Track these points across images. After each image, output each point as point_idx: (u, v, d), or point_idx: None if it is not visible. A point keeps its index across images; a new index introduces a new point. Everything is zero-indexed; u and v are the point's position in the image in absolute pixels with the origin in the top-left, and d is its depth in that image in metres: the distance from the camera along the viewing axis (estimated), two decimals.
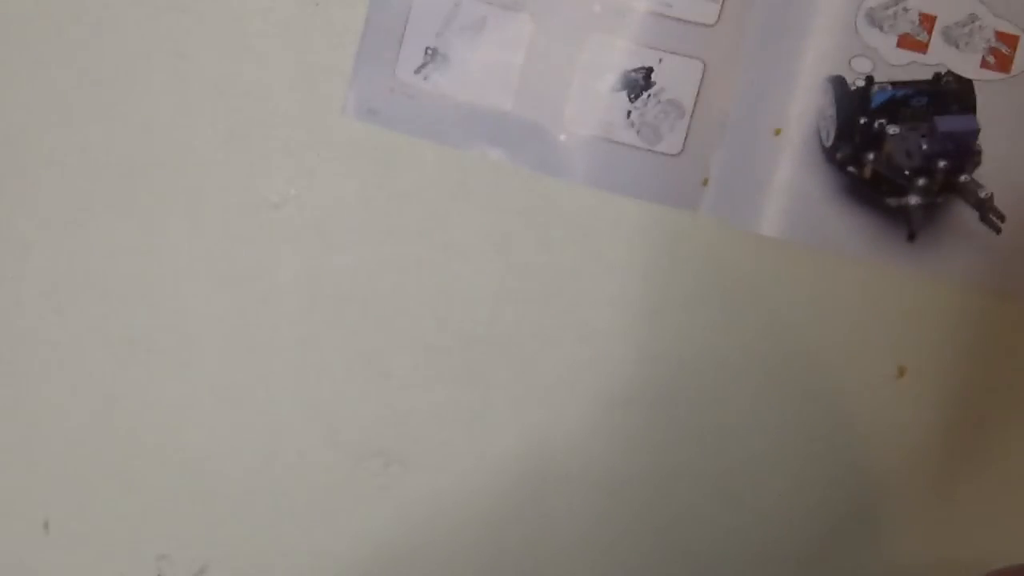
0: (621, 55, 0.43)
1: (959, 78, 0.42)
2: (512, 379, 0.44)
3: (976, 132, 0.42)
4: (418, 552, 0.45)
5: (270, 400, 0.44)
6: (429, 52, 0.43)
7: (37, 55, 0.44)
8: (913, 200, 0.42)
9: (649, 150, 0.43)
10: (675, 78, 0.43)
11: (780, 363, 0.44)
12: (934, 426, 0.44)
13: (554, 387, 0.44)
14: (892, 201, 0.42)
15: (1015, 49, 0.42)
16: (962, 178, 0.42)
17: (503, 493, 0.44)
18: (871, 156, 0.42)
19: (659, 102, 0.43)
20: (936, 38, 0.42)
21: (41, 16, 0.44)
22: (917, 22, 0.42)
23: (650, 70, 0.43)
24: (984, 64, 0.42)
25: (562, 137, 0.43)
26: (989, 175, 0.42)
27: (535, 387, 0.44)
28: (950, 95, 0.42)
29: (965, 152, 0.42)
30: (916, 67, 0.42)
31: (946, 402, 0.44)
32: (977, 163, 0.42)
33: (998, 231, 0.42)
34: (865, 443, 0.44)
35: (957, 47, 0.42)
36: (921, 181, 0.42)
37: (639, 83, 0.43)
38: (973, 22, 0.42)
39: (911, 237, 0.42)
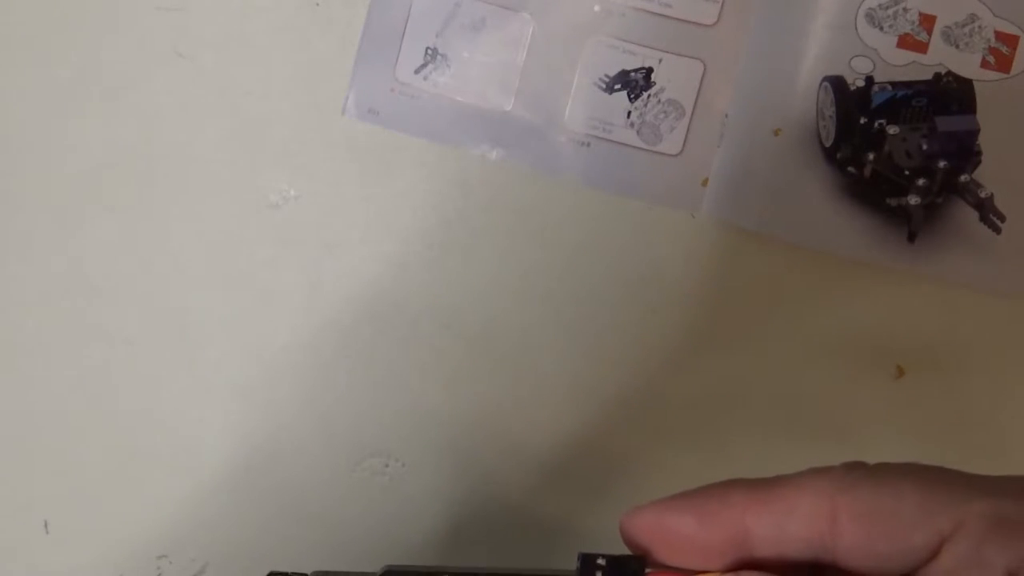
0: (621, 55, 0.43)
1: (959, 78, 0.42)
2: (512, 378, 0.44)
3: (976, 132, 0.42)
4: (418, 552, 0.45)
5: (270, 400, 0.44)
6: (429, 52, 0.43)
7: (37, 55, 0.44)
8: (913, 200, 0.42)
9: (649, 150, 0.43)
10: (675, 78, 0.43)
11: (780, 362, 0.44)
12: (934, 426, 0.44)
13: (554, 387, 0.44)
14: (892, 201, 0.42)
15: (1015, 49, 0.42)
16: (962, 178, 0.42)
17: (503, 493, 0.44)
18: (871, 156, 0.42)
19: (659, 102, 0.43)
20: (936, 38, 0.42)
21: (41, 16, 0.44)
22: (917, 22, 0.42)
23: (650, 70, 0.43)
24: (984, 64, 0.42)
25: (562, 137, 0.43)
26: (989, 175, 0.42)
27: (535, 387, 0.44)
28: (950, 95, 0.42)
29: (965, 152, 0.42)
30: (916, 67, 0.42)
31: (946, 402, 0.44)
32: (977, 163, 0.42)
33: (998, 231, 0.42)
34: (865, 443, 0.44)
35: (957, 47, 0.42)
36: (921, 181, 0.42)
37: (639, 83, 0.43)
38: (973, 22, 0.42)
39: (911, 237, 0.42)
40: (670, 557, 0.24)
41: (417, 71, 0.43)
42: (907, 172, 0.42)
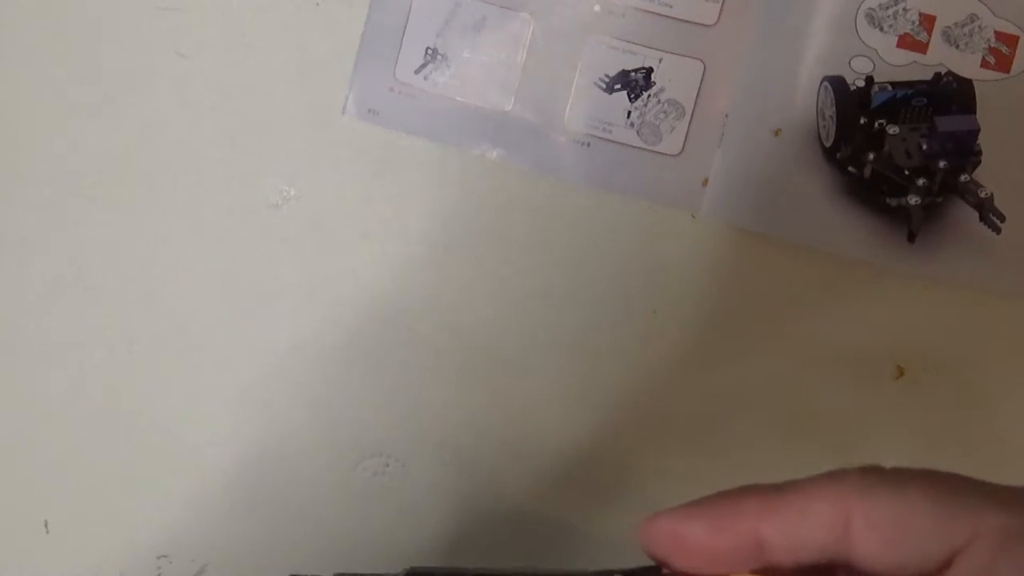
0: (621, 55, 0.43)
1: (959, 78, 0.42)
2: (512, 379, 0.44)
3: (976, 132, 0.42)
4: (418, 552, 0.45)
5: (270, 400, 0.44)
6: (429, 52, 0.43)
7: (37, 55, 0.44)
8: (913, 200, 0.42)
9: (649, 150, 0.43)
10: (675, 78, 0.43)
11: (780, 362, 0.44)
12: (934, 426, 0.44)
13: (554, 386, 0.44)
14: (892, 201, 0.42)
15: (1015, 49, 0.42)
16: (962, 178, 0.42)
17: (505, 494, 0.44)
18: (871, 156, 0.42)
19: (659, 102, 0.43)
20: (936, 38, 0.42)
21: (41, 16, 0.44)
22: (917, 22, 0.42)
23: (650, 70, 0.43)
24: (984, 64, 0.42)
25: (562, 137, 0.43)
26: (989, 175, 0.42)
27: (534, 386, 0.44)
28: (950, 95, 0.42)
29: (965, 152, 0.42)
30: (916, 67, 0.42)
31: (946, 402, 0.44)
32: (977, 163, 0.42)
33: (998, 231, 0.42)
34: (865, 443, 0.44)
35: (957, 47, 0.42)
36: (921, 181, 0.42)
37: (639, 83, 0.43)
38: (973, 22, 0.42)
39: (911, 237, 0.42)
40: (686, 565, 0.24)
41: (417, 71, 0.43)
42: (907, 172, 0.42)
